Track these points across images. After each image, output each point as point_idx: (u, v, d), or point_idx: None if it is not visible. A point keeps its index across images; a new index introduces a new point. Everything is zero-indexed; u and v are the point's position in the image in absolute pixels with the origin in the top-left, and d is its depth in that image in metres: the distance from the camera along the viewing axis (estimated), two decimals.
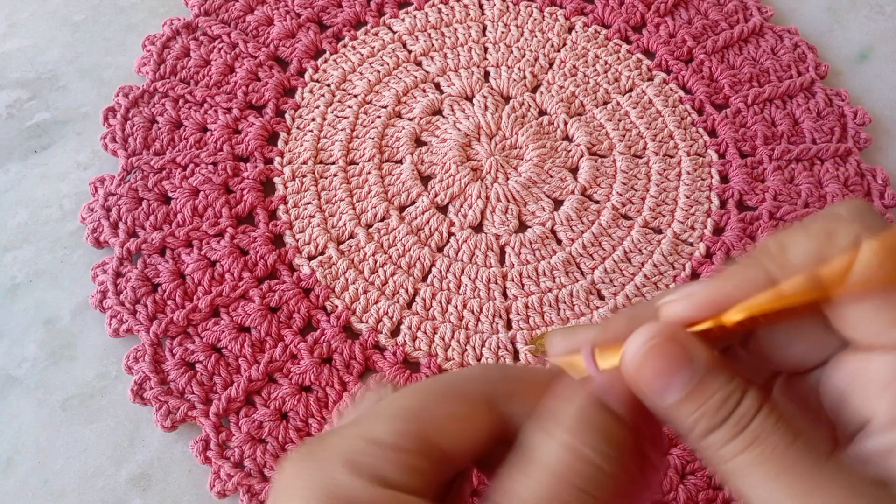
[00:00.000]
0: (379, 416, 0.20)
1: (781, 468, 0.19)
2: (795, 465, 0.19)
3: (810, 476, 0.18)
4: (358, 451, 0.19)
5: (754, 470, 0.19)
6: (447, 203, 0.51)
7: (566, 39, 0.58)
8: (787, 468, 0.19)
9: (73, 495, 0.41)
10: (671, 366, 0.20)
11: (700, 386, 0.20)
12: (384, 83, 0.55)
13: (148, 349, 0.43)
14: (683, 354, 0.20)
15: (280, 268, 0.47)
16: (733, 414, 0.19)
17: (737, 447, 0.19)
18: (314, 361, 0.44)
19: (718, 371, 0.20)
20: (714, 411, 0.19)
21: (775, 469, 0.19)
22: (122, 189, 0.48)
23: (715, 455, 0.20)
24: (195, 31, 0.56)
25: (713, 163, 0.53)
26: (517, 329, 0.46)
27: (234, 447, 0.41)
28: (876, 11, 0.62)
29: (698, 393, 0.20)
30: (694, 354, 0.20)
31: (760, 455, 0.19)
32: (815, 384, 0.22)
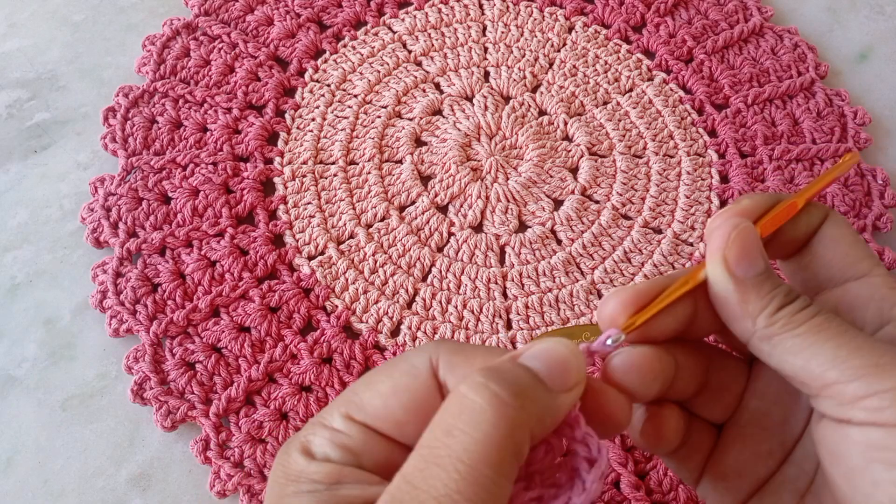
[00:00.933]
0: (336, 401, 0.22)
1: (841, 331, 0.22)
2: (850, 331, 0.22)
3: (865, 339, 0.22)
4: (310, 434, 0.21)
5: (818, 334, 0.22)
6: (447, 203, 0.51)
7: (566, 39, 0.58)
8: (846, 332, 0.22)
9: (73, 495, 0.41)
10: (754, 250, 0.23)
11: (770, 274, 0.24)
12: (384, 83, 0.55)
13: (148, 349, 0.43)
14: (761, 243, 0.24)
15: (280, 268, 0.47)
16: (799, 297, 0.23)
17: (804, 317, 0.22)
18: (314, 361, 0.44)
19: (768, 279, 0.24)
20: (786, 291, 0.23)
21: (836, 332, 0.22)
22: (122, 189, 0.48)
23: (784, 326, 0.22)
24: (195, 31, 0.56)
25: (713, 163, 0.53)
26: (517, 329, 0.46)
27: (234, 447, 0.41)
28: (876, 11, 0.62)
29: (771, 278, 0.23)
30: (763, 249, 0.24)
31: (823, 322, 0.22)
32: None
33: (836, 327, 0.22)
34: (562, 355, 0.21)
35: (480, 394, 0.19)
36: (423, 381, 0.22)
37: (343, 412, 0.22)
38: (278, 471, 0.21)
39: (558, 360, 0.21)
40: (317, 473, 0.20)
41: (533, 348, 0.21)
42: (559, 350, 0.21)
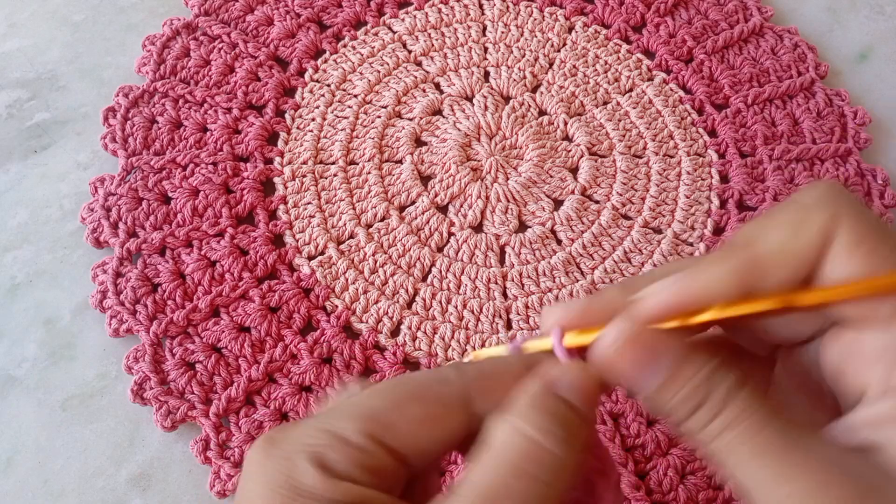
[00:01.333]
0: (347, 413, 0.20)
1: (759, 448, 0.19)
2: (772, 444, 0.19)
3: (787, 454, 0.19)
4: (323, 446, 0.19)
5: (734, 450, 0.19)
6: (447, 203, 0.51)
7: (566, 39, 0.58)
8: (765, 448, 0.19)
9: (73, 495, 0.41)
10: (644, 359, 0.20)
11: (675, 374, 0.20)
12: (384, 83, 0.55)
13: (148, 349, 0.43)
14: (654, 349, 0.20)
15: (280, 268, 0.47)
16: (709, 398, 0.20)
17: (714, 429, 0.19)
18: (314, 361, 0.44)
19: (694, 358, 0.20)
20: (690, 397, 0.20)
21: (753, 449, 0.19)
22: (122, 189, 0.48)
23: (696, 438, 0.20)
24: (195, 31, 0.56)
25: (713, 163, 0.53)
26: (517, 329, 0.46)
27: (234, 447, 0.41)
28: (876, 11, 0.62)
29: (673, 381, 0.20)
30: (666, 347, 0.20)
31: (738, 436, 0.19)
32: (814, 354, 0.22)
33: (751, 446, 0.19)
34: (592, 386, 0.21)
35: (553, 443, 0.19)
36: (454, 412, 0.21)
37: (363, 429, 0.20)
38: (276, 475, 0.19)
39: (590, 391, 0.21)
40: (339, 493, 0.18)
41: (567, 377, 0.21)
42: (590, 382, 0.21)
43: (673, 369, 0.20)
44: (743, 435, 0.19)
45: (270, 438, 0.20)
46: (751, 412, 0.19)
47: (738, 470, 0.19)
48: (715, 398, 0.20)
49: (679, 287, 0.21)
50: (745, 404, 0.19)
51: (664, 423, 0.21)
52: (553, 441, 0.19)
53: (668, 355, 0.20)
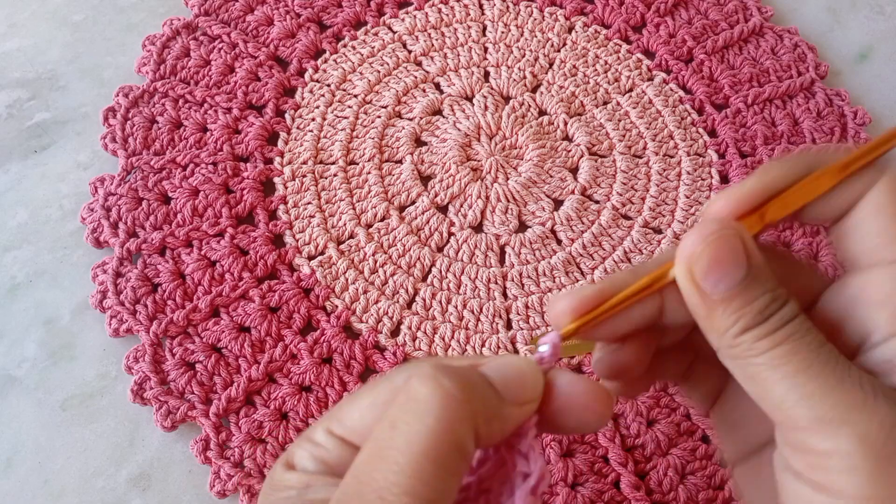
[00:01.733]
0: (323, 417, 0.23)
1: (806, 366, 0.20)
2: (819, 365, 0.20)
3: (832, 378, 0.20)
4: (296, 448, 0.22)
5: (779, 367, 0.20)
6: (447, 203, 0.51)
7: (566, 39, 0.58)
8: (811, 367, 0.20)
9: (73, 495, 0.41)
10: (729, 260, 0.21)
11: (750, 284, 0.21)
12: (384, 83, 0.55)
13: (148, 349, 0.43)
14: (742, 251, 0.21)
15: (280, 268, 0.47)
16: (775, 315, 0.20)
17: (769, 343, 0.20)
18: (314, 361, 0.44)
19: (767, 274, 0.21)
20: (759, 311, 0.21)
21: (800, 366, 0.20)
22: (122, 189, 0.48)
23: (745, 352, 0.21)
24: (195, 31, 0.56)
25: (713, 163, 0.53)
26: (517, 329, 0.46)
27: (234, 447, 0.41)
28: (876, 11, 0.62)
29: (748, 291, 0.21)
30: (750, 252, 0.21)
31: (789, 352, 0.20)
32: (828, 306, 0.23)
33: (797, 363, 0.20)
34: (519, 369, 0.21)
35: (426, 384, 0.19)
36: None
37: (325, 427, 0.22)
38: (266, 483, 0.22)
39: (515, 374, 0.21)
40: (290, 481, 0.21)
41: (494, 360, 0.21)
42: (517, 364, 0.21)
43: (748, 280, 0.21)
44: (795, 351, 0.20)
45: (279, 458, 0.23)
46: (805, 333, 0.20)
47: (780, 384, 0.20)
48: (779, 315, 0.20)
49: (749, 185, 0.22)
50: (802, 326, 0.20)
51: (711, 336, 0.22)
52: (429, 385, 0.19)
53: (748, 263, 0.21)
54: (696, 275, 0.21)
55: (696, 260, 0.21)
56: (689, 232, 0.21)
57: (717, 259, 0.21)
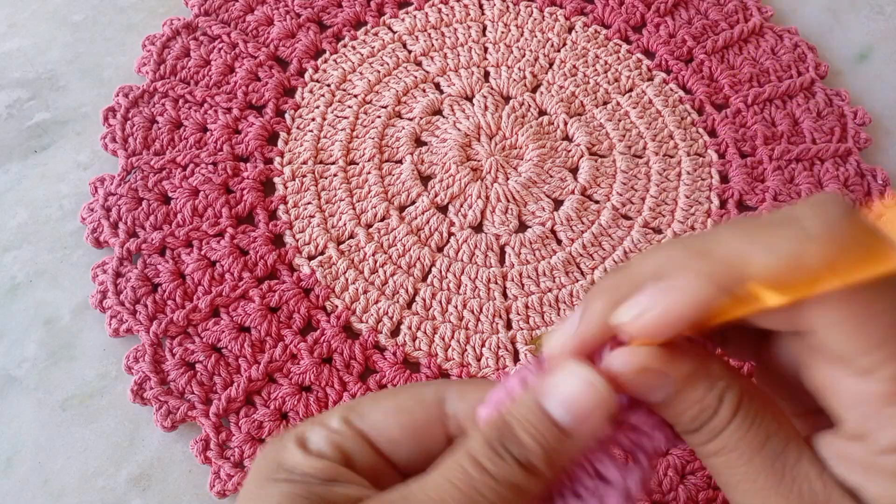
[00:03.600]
0: (338, 407, 0.23)
1: (745, 475, 0.20)
2: (760, 472, 0.20)
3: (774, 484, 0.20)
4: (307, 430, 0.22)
5: (724, 471, 0.21)
6: (447, 203, 0.51)
7: (566, 39, 0.58)
8: (751, 477, 0.20)
9: (73, 495, 0.41)
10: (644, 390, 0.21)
11: (676, 399, 0.21)
12: (384, 83, 0.55)
13: (148, 349, 0.43)
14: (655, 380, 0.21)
15: (280, 268, 0.47)
16: (707, 425, 0.21)
17: (710, 450, 0.21)
18: (314, 361, 0.44)
19: (696, 382, 0.21)
20: (689, 421, 0.21)
21: (740, 474, 0.20)
22: (122, 189, 0.48)
23: (695, 450, 0.21)
24: (195, 31, 0.56)
25: (713, 163, 0.53)
26: (517, 329, 0.46)
27: (234, 447, 0.41)
28: (876, 11, 0.62)
29: (674, 405, 0.21)
30: (668, 374, 0.21)
31: (728, 461, 0.21)
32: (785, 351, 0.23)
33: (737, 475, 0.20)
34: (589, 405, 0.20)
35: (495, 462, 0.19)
36: (426, 407, 0.22)
37: (342, 415, 0.22)
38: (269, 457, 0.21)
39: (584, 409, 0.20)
40: (312, 468, 0.21)
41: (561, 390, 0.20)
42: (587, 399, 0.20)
43: (677, 391, 0.21)
44: (737, 459, 0.20)
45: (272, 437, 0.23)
46: (744, 439, 0.20)
47: (730, 488, 0.21)
48: (715, 422, 0.21)
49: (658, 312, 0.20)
50: (744, 430, 0.20)
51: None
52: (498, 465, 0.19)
53: (674, 376, 0.21)
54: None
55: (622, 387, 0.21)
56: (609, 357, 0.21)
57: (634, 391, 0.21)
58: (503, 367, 0.45)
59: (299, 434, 0.22)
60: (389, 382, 0.44)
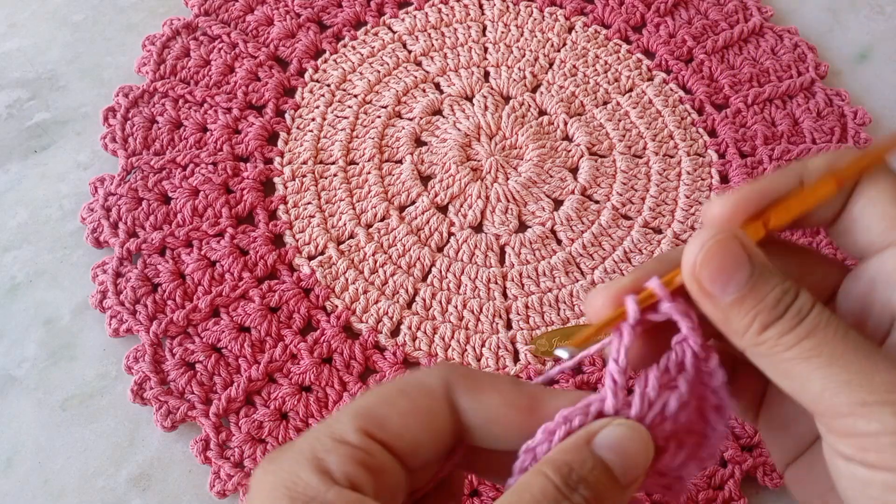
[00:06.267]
0: (343, 414, 0.21)
1: (837, 355, 0.20)
2: (850, 352, 0.20)
3: (865, 362, 0.20)
4: (322, 450, 0.20)
5: (811, 359, 0.20)
6: (447, 203, 0.51)
7: (566, 39, 0.58)
8: (843, 355, 0.20)
9: (73, 495, 0.41)
10: (731, 263, 0.21)
11: (758, 282, 0.21)
12: (384, 83, 0.55)
13: (148, 349, 0.43)
14: (742, 251, 0.21)
15: (280, 268, 0.47)
16: (791, 308, 0.20)
17: (795, 338, 0.20)
18: (314, 361, 0.44)
19: (773, 270, 0.21)
20: (773, 306, 0.20)
21: (831, 355, 0.20)
22: (122, 189, 0.48)
23: (772, 349, 0.20)
24: (195, 31, 0.56)
25: (713, 163, 0.53)
26: (517, 329, 0.46)
27: (234, 447, 0.41)
28: (876, 11, 0.62)
29: (757, 288, 0.21)
30: (751, 252, 0.21)
31: (818, 344, 0.20)
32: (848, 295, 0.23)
33: (827, 353, 0.20)
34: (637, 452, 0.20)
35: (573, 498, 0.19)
36: (439, 402, 0.21)
37: (359, 427, 0.20)
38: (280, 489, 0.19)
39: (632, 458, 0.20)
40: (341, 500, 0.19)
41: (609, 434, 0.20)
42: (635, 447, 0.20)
43: (756, 278, 0.21)
44: (822, 343, 0.20)
45: (272, 455, 0.20)
46: (828, 323, 0.20)
47: (813, 378, 0.20)
48: (796, 308, 0.20)
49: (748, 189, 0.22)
50: (822, 316, 0.20)
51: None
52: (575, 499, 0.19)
53: (751, 262, 0.21)
54: (704, 282, 0.21)
55: (701, 268, 0.21)
56: (689, 241, 0.21)
57: (719, 264, 0.21)
58: (503, 367, 0.45)
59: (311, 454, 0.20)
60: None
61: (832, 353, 0.20)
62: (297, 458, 0.20)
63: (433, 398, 0.21)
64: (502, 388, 0.22)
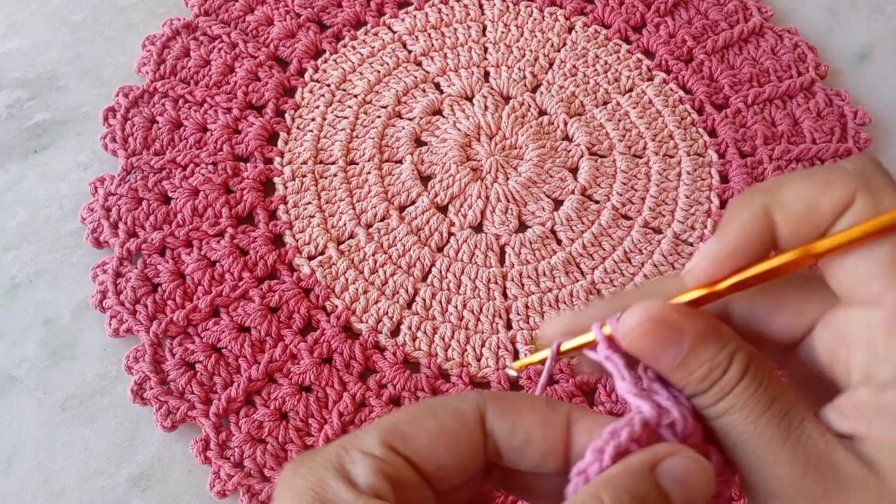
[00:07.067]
0: (369, 428, 0.21)
1: (752, 434, 0.21)
2: (768, 430, 0.21)
3: (779, 441, 0.21)
4: (349, 459, 0.20)
5: (732, 431, 0.21)
6: (447, 203, 0.50)
7: (566, 39, 0.58)
8: (762, 433, 0.21)
9: (73, 495, 0.41)
10: (661, 343, 0.21)
11: (689, 357, 0.21)
12: (384, 83, 0.55)
13: (148, 349, 0.43)
14: (673, 331, 0.21)
15: (280, 268, 0.47)
16: (716, 384, 0.21)
17: (718, 411, 0.21)
18: (314, 361, 0.44)
19: (709, 341, 0.21)
20: (699, 380, 0.21)
21: (748, 433, 0.21)
22: (122, 189, 0.48)
23: (702, 411, 0.22)
24: (195, 31, 0.56)
25: (713, 163, 0.53)
26: (517, 329, 0.46)
27: (234, 447, 0.41)
28: (876, 11, 0.62)
29: (686, 364, 0.21)
30: (684, 328, 0.21)
31: (737, 420, 0.21)
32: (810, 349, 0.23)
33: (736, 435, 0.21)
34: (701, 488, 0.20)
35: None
36: (470, 428, 0.21)
37: (384, 440, 0.21)
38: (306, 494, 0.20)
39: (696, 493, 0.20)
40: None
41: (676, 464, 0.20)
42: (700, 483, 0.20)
43: (690, 348, 0.21)
44: (740, 420, 0.21)
45: (298, 460, 0.21)
46: (750, 400, 0.21)
47: (738, 448, 0.21)
48: (721, 384, 0.21)
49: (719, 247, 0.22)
50: (752, 390, 0.21)
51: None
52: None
53: (689, 333, 0.21)
54: (638, 356, 0.22)
55: (633, 346, 0.22)
56: (626, 314, 0.22)
57: (649, 344, 0.21)
58: (503, 367, 0.45)
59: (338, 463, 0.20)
60: (389, 382, 0.44)
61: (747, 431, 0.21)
62: (324, 465, 0.20)
63: (463, 422, 0.21)
64: (538, 408, 0.22)
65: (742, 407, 0.21)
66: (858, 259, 0.20)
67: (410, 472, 0.21)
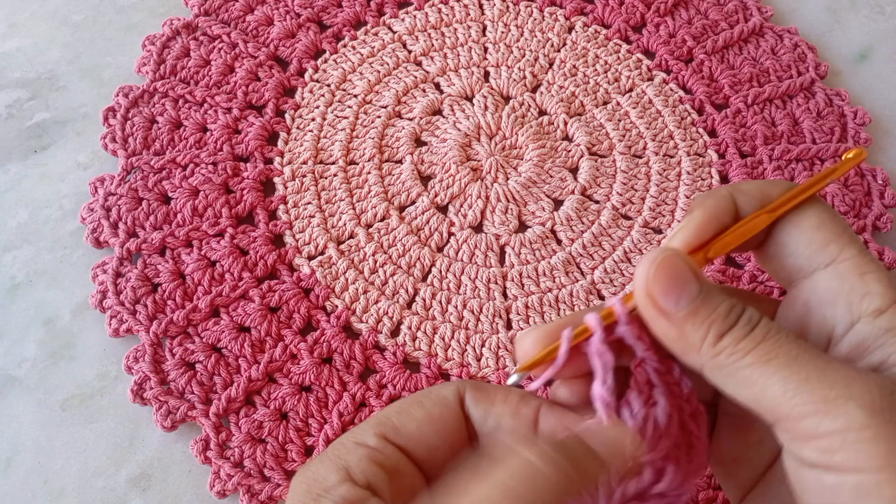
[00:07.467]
0: (366, 423, 0.24)
1: (792, 356, 0.20)
2: (804, 353, 0.21)
3: (819, 360, 0.20)
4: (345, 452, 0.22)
5: (769, 361, 0.21)
6: (447, 203, 0.51)
7: (566, 39, 0.58)
8: (797, 356, 0.20)
9: (73, 495, 0.41)
10: (681, 278, 0.22)
11: (707, 297, 0.22)
12: (384, 83, 0.55)
13: (148, 349, 0.43)
14: (691, 269, 0.22)
15: (280, 268, 0.47)
16: (741, 318, 0.22)
17: (751, 342, 0.21)
18: (314, 361, 0.44)
19: (718, 289, 0.22)
20: (725, 315, 0.21)
21: (787, 356, 0.20)
22: (122, 189, 0.48)
23: (729, 357, 0.21)
24: (195, 31, 0.56)
25: (713, 163, 0.53)
26: (517, 329, 0.46)
27: (234, 447, 0.41)
28: (876, 11, 0.62)
29: (709, 301, 0.22)
30: (697, 271, 0.22)
31: (773, 347, 0.21)
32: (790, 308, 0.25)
33: (783, 355, 0.21)
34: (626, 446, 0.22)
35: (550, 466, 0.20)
36: (452, 411, 0.24)
37: (378, 432, 0.23)
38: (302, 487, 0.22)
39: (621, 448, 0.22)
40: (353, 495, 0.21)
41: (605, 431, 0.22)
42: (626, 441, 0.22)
43: (705, 293, 0.22)
44: (774, 349, 0.21)
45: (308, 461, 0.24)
46: (778, 329, 0.21)
47: (770, 383, 0.20)
48: (746, 317, 0.21)
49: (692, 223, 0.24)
50: (770, 326, 0.21)
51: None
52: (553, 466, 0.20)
53: (700, 279, 0.22)
54: (657, 297, 0.22)
55: (653, 283, 0.22)
56: (640, 262, 0.23)
57: (671, 279, 0.22)
58: (503, 367, 0.45)
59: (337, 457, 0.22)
60: (389, 382, 0.44)
61: (787, 355, 0.20)
62: (324, 461, 0.22)
63: (446, 407, 0.24)
64: (510, 400, 0.24)
65: (773, 336, 0.21)
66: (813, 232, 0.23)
67: (403, 459, 0.23)
